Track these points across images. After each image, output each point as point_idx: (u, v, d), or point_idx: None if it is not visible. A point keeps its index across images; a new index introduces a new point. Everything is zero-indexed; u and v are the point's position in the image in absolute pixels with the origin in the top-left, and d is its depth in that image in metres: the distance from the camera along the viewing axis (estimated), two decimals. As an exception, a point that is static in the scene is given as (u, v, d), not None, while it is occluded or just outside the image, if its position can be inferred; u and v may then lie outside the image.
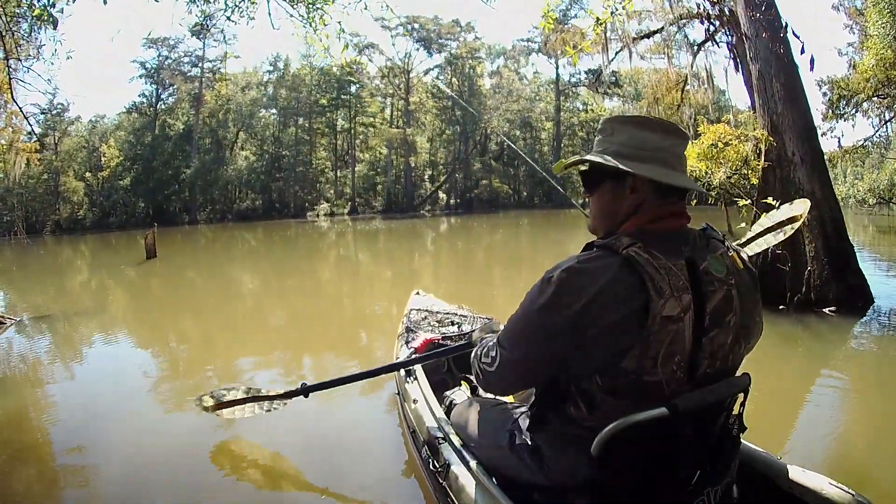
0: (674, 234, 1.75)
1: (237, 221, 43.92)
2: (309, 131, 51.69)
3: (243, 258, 20.57)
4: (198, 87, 47.71)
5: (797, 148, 8.61)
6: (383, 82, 55.41)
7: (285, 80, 50.57)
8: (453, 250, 21.91)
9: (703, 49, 17.77)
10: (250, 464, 3.91)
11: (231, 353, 7.10)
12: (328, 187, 51.64)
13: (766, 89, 8.90)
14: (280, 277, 14.91)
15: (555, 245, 21.16)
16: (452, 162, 55.16)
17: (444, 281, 13.82)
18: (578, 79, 60.75)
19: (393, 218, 43.53)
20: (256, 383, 5.58)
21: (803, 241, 8.16)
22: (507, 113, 56.43)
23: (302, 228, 35.16)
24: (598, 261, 1.66)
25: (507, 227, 32.29)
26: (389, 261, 18.87)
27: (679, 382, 1.65)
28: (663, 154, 1.80)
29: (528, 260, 18.04)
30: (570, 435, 1.81)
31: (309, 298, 11.36)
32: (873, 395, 5.32)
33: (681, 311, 1.60)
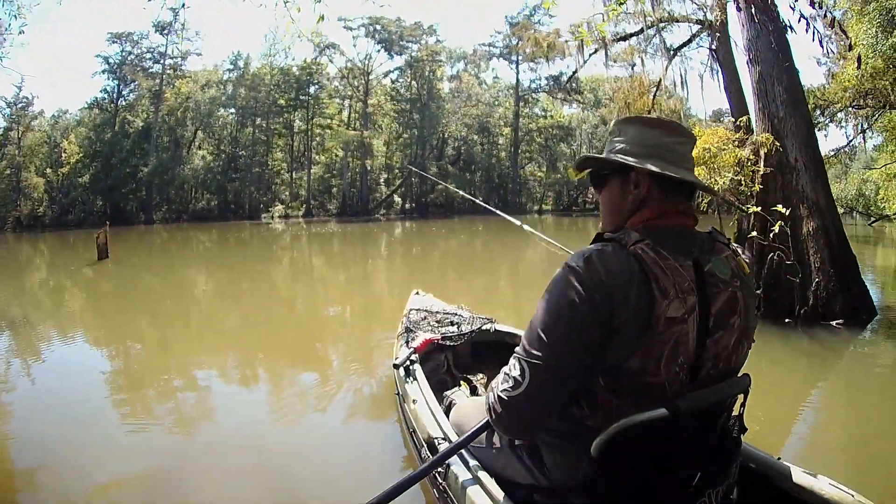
0: (682, 233, 1.81)
1: (192, 222, 43.73)
2: (266, 131, 52.32)
3: (198, 260, 20.73)
4: (159, 84, 47.92)
5: (800, 154, 8.59)
6: (342, 84, 55.95)
7: (245, 80, 50.91)
8: (408, 255, 22.18)
9: (678, 54, 18.33)
10: (246, 464, 4.02)
11: (187, 359, 7.10)
12: (283, 189, 52.11)
13: (768, 92, 8.89)
14: (234, 280, 14.95)
15: (511, 250, 21.74)
16: (408, 166, 55.61)
17: (398, 285, 14.00)
18: (539, 84, 62.40)
19: (348, 221, 44.04)
20: (212, 389, 5.91)
21: (808, 251, 8.13)
22: (465, 117, 57.62)
23: (256, 230, 35.66)
24: (612, 254, 1.69)
25: (462, 231, 32.94)
26: (343, 265, 19.21)
27: (681, 384, 1.69)
28: (665, 150, 1.87)
29: (482, 264, 18.59)
30: (569, 434, 1.83)
31: (263, 301, 11.42)
32: (875, 400, 5.49)
33: (685, 313, 1.64)
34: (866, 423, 4.91)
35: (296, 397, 5.63)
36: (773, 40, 9.05)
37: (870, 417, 5.05)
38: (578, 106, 65.23)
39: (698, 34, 16.97)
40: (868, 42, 14.35)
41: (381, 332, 8.20)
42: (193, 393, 5.81)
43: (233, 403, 5.56)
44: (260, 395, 5.98)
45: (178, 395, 5.72)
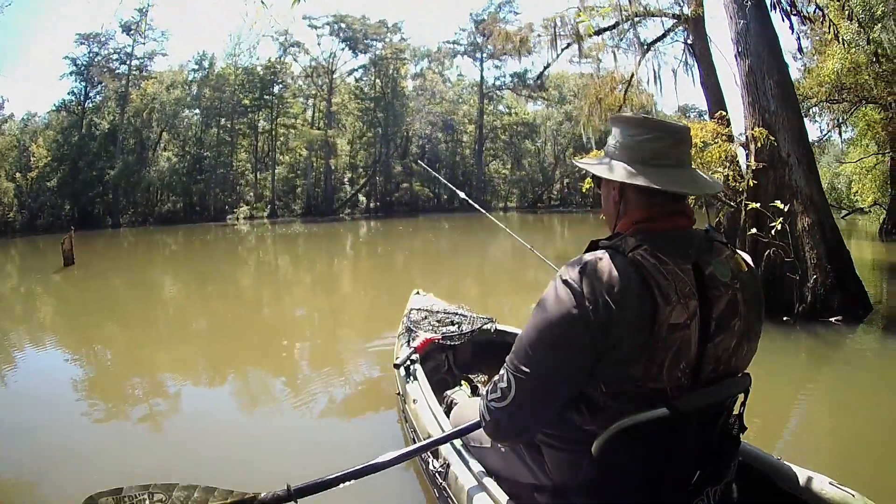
0: (679, 235, 1.79)
1: (158, 225, 43.65)
2: (231, 132, 52.06)
3: (164, 265, 20.63)
4: (125, 86, 47.69)
5: (792, 148, 8.51)
6: (306, 83, 56.16)
7: (210, 80, 50.72)
8: (373, 255, 22.33)
9: (652, 48, 18.91)
10: (239, 466, 4.03)
11: (161, 366, 7.04)
12: (248, 190, 52.15)
13: (758, 86, 8.82)
14: (201, 284, 14.94)
15: (476, 248, 22.18)
16: (373, 164, 56.60)
17: (365, 284, 14.41)
18: (503, 82, 63.05)
19: (313, 221, 44.38)
20: (181, 395, 5.89)
21: (804, 248, 8.08)
22: (429, 115, 58.36)
23: (222, 232, 35.81)
24: (609, 262, 1.68)
25: (427, 230, 33.41)
26: (309, 266, 19.49)
27: (682, 388, 1.70)
28: (637, 149, 1.84)
29: (448, 262, 18.93)
30: (570, 438, 1.82)
31: (230, 305, 11.46)
32: (874, 398, 5.54)
33: (687, 318, 1.65)
34: (867, 422, 4.95)
35: (290, 398, 5.68)
36: (763, 33, 9.11)
37: (871, 415, 5.10)
38: (543, 103, 65.77)
39: (673, 29, 17.71)
40: (850, 37, 14.50)
41: (356, 332, 8.65)
42: (175, 398, 5.82)
43: (221, 407, 5.63)
44: (247, 398, 5.99)
45: (161, 401, 5.72)
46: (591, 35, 18.98)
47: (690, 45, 16.58)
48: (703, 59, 15.84)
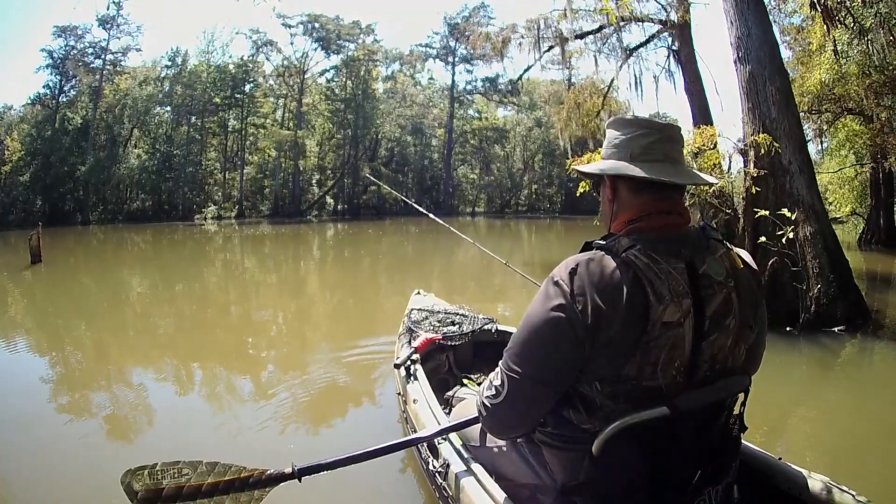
0: (673, 234, 1.84)
1: (127, 223, 43.46)
2: (201, 130, 51.94)
3: (132, 264, 20.19)
4: (98, 80, 47.38)
5: (793, 156, 8.44)
6: (277, 82, 56.42)
7: (182, 77, 50.66)
8: (341, 258, 22.52)
9: (635, 54, 18.79)
10: None
11: (122, 366, 7.01)
12: (216, 190, 52.02)
13: (759, 92, 8.73)
14: (168, 284, 14.92)
15: (442, 252, 22.52)
16: (341, 167, 56.89)
17: (331, 288, 14.48)
18: (474, 86, 64.09)
19: (280, 223, 44.48)
20: (148, 397, 5.80)
21: (806, 257, 8.00)
22: (399, 118, 59.15)
23: (189, 232, 35.73)
24: (600, 262, 1.74)
25: (394, 234, 33.78)
26: (276, 267, 19.48)
27: (678, 386, 1.75)
28: (624, 148, 1.93)
29: (414, 265, 19.18)
30: (569, 438, 1.86)
31: (197, 305, 11.55)
32: (877, 405, 5.62)
33: (681, 317, 1.70)
34: (867, 424, 5.03)
35: (283, 396, 5.69)
36: (765, 38, 9.08)
37: (871, 419, 5.19)
38: (513, 108, 67.02)
39: (658, 34, 17.77)
40: (841, 48, 14.47)
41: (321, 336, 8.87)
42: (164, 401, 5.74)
43: (213, 410, 5.63)
44: (237, 398, 5.99)
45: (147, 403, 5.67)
46: (574, 38, 18.87)
47: (676, 51, 16.55)
48: (688, 66, 15.89)
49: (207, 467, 2.35)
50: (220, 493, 2.32)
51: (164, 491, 2.24)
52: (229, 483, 2.35)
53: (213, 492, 2.31)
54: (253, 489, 2.38)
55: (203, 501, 2.28)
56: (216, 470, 2.36)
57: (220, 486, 2.32)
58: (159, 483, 2.25)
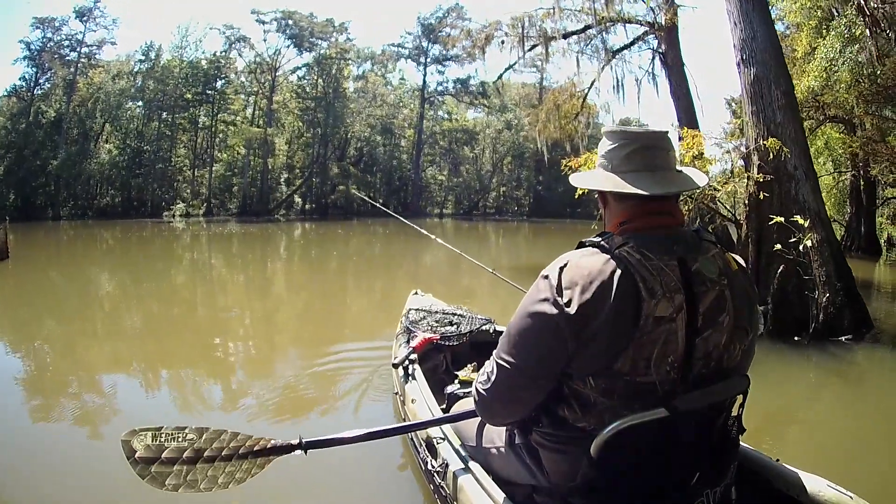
0: (664, 234, 1.90)
1: (97, 219, 42.99)
2: (171, 126, 51.80)
3: (102, 261, 20.34)
4: (73, 73, 47.14)
5: (798, 162, 8.34)
6: (249, 79, 56.40)
7: (154, 72, 51.01)
8: (307, 257, 22.85)
9: (618, 56, 19.03)
10: None
11: (93, 365, 7.08)
12: (185, 187, 51.61)
13: (764, 96, 8.63)
14: (136, 281, 14.87)
15: (410, 253, 22.98)
16: (310, 165, 57.12)
17: (298, 289, 14.62)
18: (445, 87, 64.57)
19: (248, 221, 44.50)
20: (119, 395, 5.79)
21: (812, 265, 7.86)
22: (369, 118, 59.12)
23: (158, 229, 35.51)
24: (591, 258, 1.83)
25: (362, 234, 34.21)
26: (243, 266, 19.64)
27: (672, 383, 1.80)
28: (607, 159, 2.03)
29: (382, 266, 19.58)
30: (562, 436, 1.94)
31: (165, 303, 11.56)
32: (874, 404, 5.80)
33: (673, 312, 1.75)
34: (867, 427, 5.16)
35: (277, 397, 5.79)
36: (770, 41, 9.03)
37: (872, 421, 5.32)
38: (483, 110, 67.63)
39: (643, 37, 18.02)
40: (831, 56, 14.61)
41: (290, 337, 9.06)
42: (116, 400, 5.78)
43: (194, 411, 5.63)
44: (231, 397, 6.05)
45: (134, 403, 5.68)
46: (560, 38, 18.88)
47: (663, 53, 16.72)
48: (674, 69, 16.15)
49: (213, 434, 2.38)
50: (221, 461, 2.34)
51: (165, 453, 2.25)
52: (233, 451, 2.37)
53: (214, 458, 2.32)
54: (257, 457, 2.41)
55: (203, 467, 2.30)
56: (222, 437, 2.38)
57: (223, 454, 2.35)
58: (161, 445, 2.26)
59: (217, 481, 2.31)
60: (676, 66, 16.19)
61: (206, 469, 2.30)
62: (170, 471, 2.23)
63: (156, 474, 2.21)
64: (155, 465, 2.22)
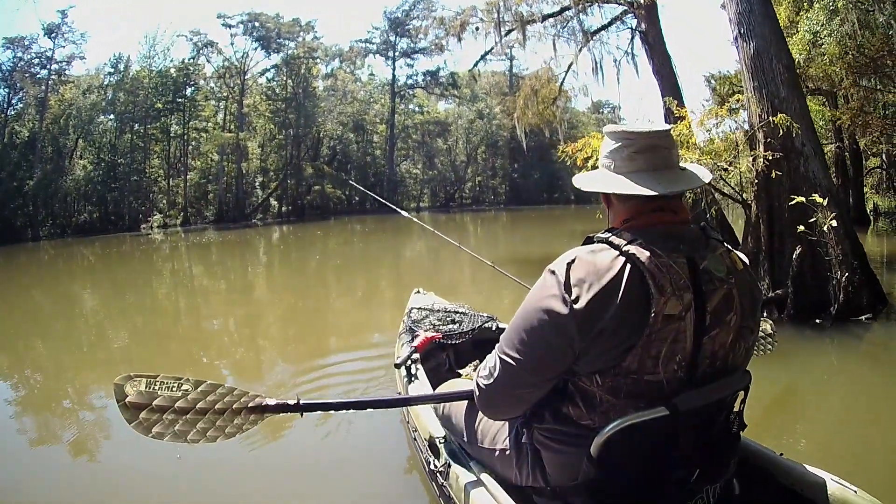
0: (669, 231, 1.92)
1: (76, 236, 41.96)
2: (144, 137, 51.04)
3: (84, 279, 20.33)
4: (44, 91, 46.41)
5: (805, 138, 8.13)
6: (218, 84, 56.06)
7: (124, 83, 49.67)
8: (287, 261, 23.20)
9: (596, 38, 18.79)
10: (233, 471, 4.15)
11: (81, 382, 7.23)
12: (161, 197, 50.99)
13: (766, 71, 8.45)
14: (119, 296, 14.84)
15: (389, 250, 23.18)
16: (284, 167, 56.83)
17: (280, 291, 14.86)
18: (415, 80, 65.23)
19: (226, 228, 44.10)
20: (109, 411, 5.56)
21: (827, 245, 7.69)
22: (340, 116, 59.61)
23: (137, 242, 35.19)
24: (599, 254, 1.84)
25: (340, 234, 34.47)
26: (224, 274, 19.85)
27: (679, 382, 1.83)
28: (608, 159, 2.07)
29: (362, 264, 19.60)
30: (566, 434, 1.97)
31: (148, 316, 11.67)
32: (881, 395, 5.65)
33: (682, 310, 1.77)
34: (874, 419, 5.08)
35: None
36: (767, 14, 8.88)
37: (878, 412, 5.24)
38: (454, 101, 68.45)
39: (621, 17, 17.71)
40: (816, 28, 14.67)
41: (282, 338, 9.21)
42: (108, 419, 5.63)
43: None
44: None
45: None
46: (539, 20, 18.63)
47: (643, 32, 16.34)
48: (656, 48, 15.85)
49: (209, 387, 2.37)
50: (214, 413, 2.32)
51: (156, 400, 2.24)
52: (228, 405, 2.36)
53: (206, 410, 2.31)
54: (251, 413, 2.39)
55: (194, 418, 2.30)
56: (218, 391, 2.37)
57: (217, 407, 2.33)
58: (154, 393, 2.25)
59: (206, 434, 2.33)
60: (658, 44, 15.90)
61: (196, 420, 2.32)
62: (158, 419, 2.26)
63: (143, 420, 2.23)
64: (144, 412, 2.23)
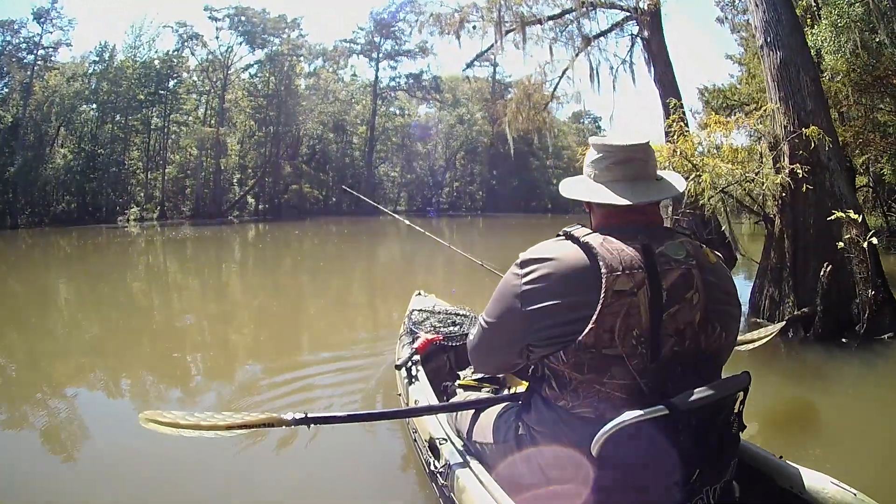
0: (635, 228, 2.12)
1: (53, 225, 41.96)
2: (125, 128, 51.04)
3: (59, 270, 20.14)
4: (30, 77, 46.27)
5: (832, 152, 8.04)
6: (201, 78, 56.14)
7: (108, 73, 50.25)
8: (263, 260, 22.86)
9: (594, 44, 18.25)
10: (224, 469, 4.15)
11: (54, 373, 7.14)
12: (139, 190, 51.90)
13: (793, 81, 8.34)
14: (94, 289, 14.92)
15: (363, 252, 23.32)
16: (262, 165, 56.96)
17: (254, 291, 14.53)
18: (398, 83, 65.50)
19: (202, 224, 43.93)
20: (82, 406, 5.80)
21: (852, 262, 7.57)
22: (321, 115, 59.78)
23: (113, 235, 35.24)
24: (556, 242, 2.13)
25: (316, 234, 34.58)
26: (197, 271, 19.82)
27: (642, 359, 1.95)
28: (590, 169, 2.30)
29: (337, 265, 19.62)
30: (555, 422, 2.13)
31: (122, 310, 11.59)
32: (879, 399, 5.79)
33: (634, 287, 1.93)
34: (872, 423, 5.17)
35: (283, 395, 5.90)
36: (794, 23, 8.82)
37: (865, 410, 5.43)
38: (435, 105, 68.90)
39: (622, 23, 17.19)
40: (820, 45, 14.43)
41: None
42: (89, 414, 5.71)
43: None
44: None
45: None
46: (544, 20, 18.14)
47: (646, 39, 15.96)
48: (659, 55, 15.59)
49: (227, 415, 2.59)
50: (216, 429, 2.53)
51: (167, 418, 2.54)
52: (232, 423, 2.53)
53: (211, 427, 2.53)
54: (264, 426, 2.55)
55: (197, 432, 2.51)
56: (234, 416, 2.59)
57: (220, 425, 2.52)
58: (177, 423, 2.52)
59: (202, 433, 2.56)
60: (661, 52, 15.60)
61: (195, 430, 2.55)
62: (163, 422, 2.56)
63: (149, 417, 2.59)
64: (154, 421, 2.57)
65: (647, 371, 1.97)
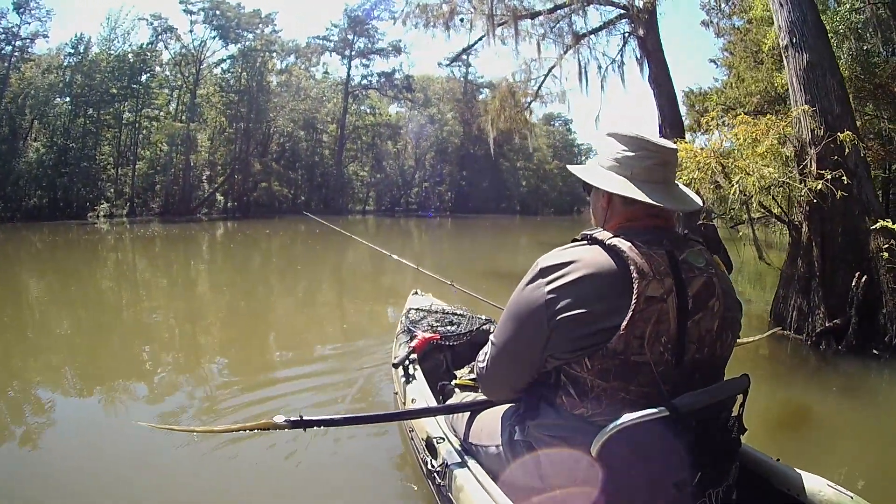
0: (653, 230, 2.12)
1: (25, 221, 41.20)
2: (97, 122, 50.49)
3: (30, 267, 19.79)
4: (6, 69, 46.80)
5: (859, 160, 7.97)
6: (173, 72, 56.62)
7: (83, 66, 49.97)
8: (232, 259, 22.71)
9: (584, 42, 18.23)
10: (238, 472, 4.18)
11: (26, 370, 7.13)
12: (109, 186, 51.29)
13: (819, 84, 8.23)
14: (64, 286, 14.98)
15: (332, 253, 22.99)
16: (232, 162, 56.75)
17: (224, 289, 14.68)
18: (370, 81, 66.16)
19: (171, 221, 43.66)
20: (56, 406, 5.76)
21: (878, 272, 7.45)
22: (292, 112, 60.29)
23: (83, 231, 34.68)
24: (581, 247, 2.06)
25: (285, 233, 34.51)
26: (167, 268, 19.72)
27: (667, 365, 1.96)
28: (627, 166, 2.21)
29: (304, 266, 19.62)
30: (563, 428, 2.08)
31: (92, 308, 11.60)
32: (878, 405, 5.92)
33: (664, 293, 1.92)
34: (871, 428, 5.28)
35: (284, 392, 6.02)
36: (819, 25, 8.72)
37: (864, 415, 5.50)
38: (406, 104, 69.90)
39: (616, 20, 17.07)
40: None
41: None
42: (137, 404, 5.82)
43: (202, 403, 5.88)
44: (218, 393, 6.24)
45: None
46: (540, 15, 18.03)
47: (642, 38, 16.05)
48: (654, 55, 15.64)
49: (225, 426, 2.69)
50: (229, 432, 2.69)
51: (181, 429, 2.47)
52: (228, 429, 2.78)
53: (223, 431, 2.74)
54: (259, 430, 2.60)
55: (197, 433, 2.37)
56: (235, 427, 2.74)
57: (218, 430, 2.74)
58: None
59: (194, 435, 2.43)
60: (656, 51, 15.65)
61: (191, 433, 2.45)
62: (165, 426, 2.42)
63: None
64: None
65: (670, 377, 1.99)
